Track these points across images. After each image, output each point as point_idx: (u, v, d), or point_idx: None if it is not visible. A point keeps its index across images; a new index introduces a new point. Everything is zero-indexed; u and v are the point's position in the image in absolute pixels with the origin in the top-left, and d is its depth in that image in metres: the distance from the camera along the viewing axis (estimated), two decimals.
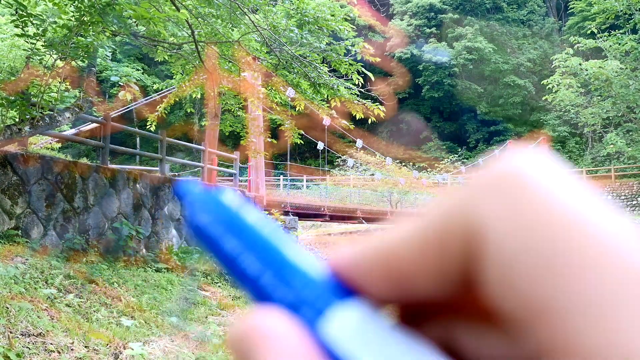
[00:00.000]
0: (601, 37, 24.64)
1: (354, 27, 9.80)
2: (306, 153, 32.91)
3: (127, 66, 28.38)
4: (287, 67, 9.49)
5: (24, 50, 9.71)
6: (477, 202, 0.19)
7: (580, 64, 24.55)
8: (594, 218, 0.17)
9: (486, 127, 35.49)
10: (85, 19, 6.20)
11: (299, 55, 9.17)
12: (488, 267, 0.18)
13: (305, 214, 14.88)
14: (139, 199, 8.58)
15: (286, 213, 13.24)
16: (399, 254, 0.20)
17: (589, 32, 26.14)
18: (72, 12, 6.29)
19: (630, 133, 27.68)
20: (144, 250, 8.35)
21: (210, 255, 0.24)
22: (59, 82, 6.88)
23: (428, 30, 37.69)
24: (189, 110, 26.71)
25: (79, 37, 6.48)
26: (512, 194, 0.18)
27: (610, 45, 24.60)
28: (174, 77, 13.59)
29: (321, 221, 18.37)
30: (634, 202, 26.13)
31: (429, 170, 31.14)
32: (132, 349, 4.22)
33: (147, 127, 13.24)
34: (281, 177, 27.49)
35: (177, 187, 0.26)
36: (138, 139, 25.62)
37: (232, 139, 23.61)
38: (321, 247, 25.36)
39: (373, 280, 0.21)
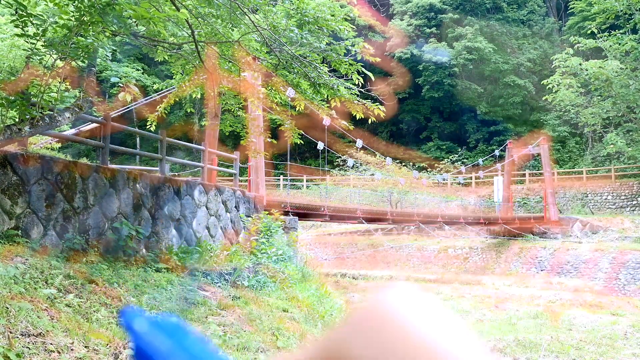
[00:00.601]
0: (601, 37, 24.64)
1: (354, 27, 9.80)
2: (306, 153, 32.88)
3: (127, 66, 28.35)
4: (287, 67, 9.48)
5: (24, 50, 9.72)
6: (349, 339, 0.25)
7: (580, 64, 24.55)
8: (441, 343, 0.24)
9: (486, 127, 35.44)
10: (85, 19, 6.20)
11: (299, 55, 9.17)
12: None
13: (305, 214, 14.85)
14: (139, 199, 8.58)
15: (286, 213, 13.22)
16: None
17: (589, 32, 26.13)
18: (72, 12, 6.28)
19: (630, 133, 27.67)
20: (143, 250, 8.35)
21: None
22: (59, 82, 6.88)
23: (428, 30, 37.63)
24: (189, 110, 26.70)
25: (79, 37, 6.47)
26: (375, 329, 0.25)
27: (610, 45, 24.60)
28: (174, 77, 13.60)
29: (321, 221, 18.36)
30: (634, 202, 26.12)
31: (429, 170, 31.12)
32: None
33: (147, 127, 13.24)
34: (281, 177, 27.49)
35: (122, 314, 0.30)
36: (138, 139, 25.62)
37: (232, 139, 23.60)
38: (321, 247, 25.35)
39: None
